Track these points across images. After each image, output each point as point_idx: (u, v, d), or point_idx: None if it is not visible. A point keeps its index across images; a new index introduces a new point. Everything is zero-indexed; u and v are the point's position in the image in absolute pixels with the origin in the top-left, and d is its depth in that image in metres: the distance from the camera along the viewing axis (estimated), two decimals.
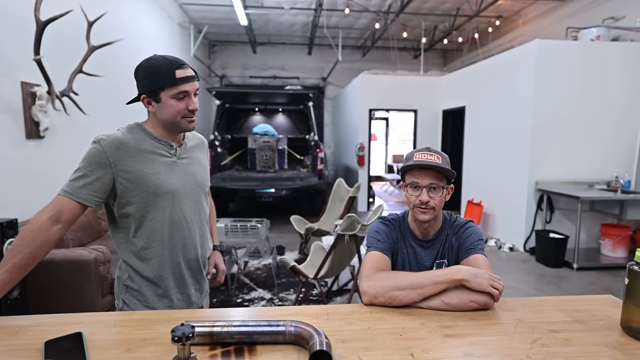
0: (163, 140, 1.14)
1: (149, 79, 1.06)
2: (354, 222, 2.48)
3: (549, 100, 4.15)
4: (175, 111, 1.09)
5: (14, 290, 2.06)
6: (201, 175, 1.24)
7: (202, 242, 1.24)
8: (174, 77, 1.05)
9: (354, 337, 0.86)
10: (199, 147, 1.29)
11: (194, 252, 1.20)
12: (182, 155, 1.18)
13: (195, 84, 1.11)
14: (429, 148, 1.16)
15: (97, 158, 1.04)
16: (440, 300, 0.99)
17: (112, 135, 1.08)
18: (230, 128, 7.04)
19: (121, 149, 1.07)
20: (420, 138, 6.82)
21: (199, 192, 1.22)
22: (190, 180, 1.18)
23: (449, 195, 1.19)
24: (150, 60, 1.08)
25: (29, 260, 0.96)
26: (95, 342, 0.82)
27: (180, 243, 1.16)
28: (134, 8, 4.90)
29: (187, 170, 1.18)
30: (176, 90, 1.06)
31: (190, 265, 1.21)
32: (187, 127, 1.14)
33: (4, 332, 0.85)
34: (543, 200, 4.19)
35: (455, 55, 9.46)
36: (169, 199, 1.12)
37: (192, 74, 1.10)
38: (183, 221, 1.16)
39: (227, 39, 9.09)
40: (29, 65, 2.64)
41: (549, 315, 0.97)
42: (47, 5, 2.54)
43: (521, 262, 4.03)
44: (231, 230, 3.29)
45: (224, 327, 0.82)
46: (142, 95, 1.10)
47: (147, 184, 1.09)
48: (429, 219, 1.14)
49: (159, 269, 1.14)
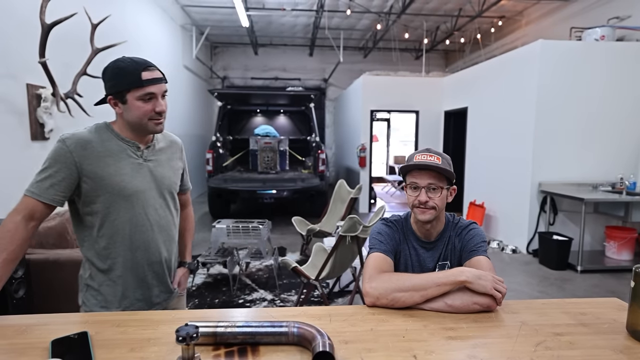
0: (130, 142, 1.13)
1: (115, 80, 1.07)
2: (356, 223, 2.48)
3: (553, 101, 4.13)
4: (142, 113, 1.08)
5: (19, 289, 2.10)
6: (169, 178, 1.22)
7: (168, 245, 1.23)
8: (140, 79, 1.06)
9: (356, 339, 0.86)
10: (170, 148, 1.27)
11: (158, 255, 1.19)
12: (149, 157, 1.17)
13: (162, 86, 1.11)
14: (429, 149, 1.16)
15: (62, 158, 1.04)
16: (443, 302, 0.98)
17: (78, 135, 1.08)
18: (231, 129, 7.05)
19: (87, 148, 1.06)
20: (422, 139, 6.81)
21: (166, 195, 1.21)
22: (155, 183, 1.17)
23: (451, 197, 1.18)
24: (117, 62, 1.08)
25: (13, 257, 1.00)
26: (101, 341, 0.83)
27: (143, 245, 1.15)
28: (137, 10, 4.93)
29: (154, 173, 1.17)
30: (142, 92, 1.06)
31: (154, 267, 1.19)
32: (154, 129, 1.13)
33: (12, 331, 0.87)
34: (546, 202, 4.17)
35: (457, 56, 9.45)
36: (132, 200, 1.12)
37: (159, 76, 1.10)
38: (147, 223, 1.15)
39: (229, 40, 9.11)
40: (34, 67, 2.67)
41: (553, 318, 0.96)
42: (52, 8, 2.57)
43: (524, 264, 4.01)
44: (233, 232, 3.29)
45: (227, 327, 0.82)
46: (108, 97, 1.10)
47: (111, 185, 1.09)
48: (429, 219, 1.14)
49: (120, 270, 1.14)
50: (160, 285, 1.22)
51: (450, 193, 1.18)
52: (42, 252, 2.32)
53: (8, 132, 2.64)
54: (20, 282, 2.12)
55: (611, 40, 4.36)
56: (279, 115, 7.44)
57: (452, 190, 1.18)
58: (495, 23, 7.24)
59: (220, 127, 6.21)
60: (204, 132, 8.24)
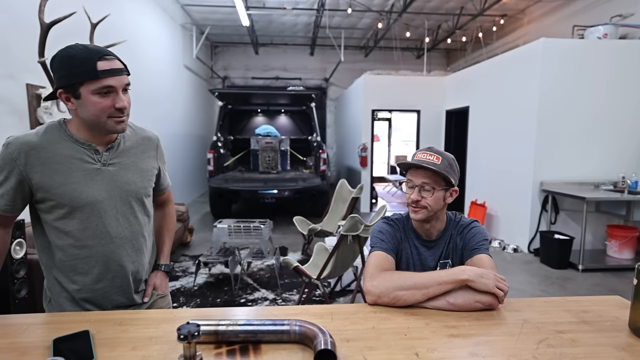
0: (86, 144, 0.99)
1: (65, 70, 0.91)
2: (357, 222, 2.48)
3: (555, 100, 4.11)
4: (99, 109, 0.93)
5: (22, 289, 2.11)
6: (135, 183, 1.06)
7: (135, 257, 1.08)
8: (95, 70, 0.90)
9: (358, 337, 0.86)
10: (142, 146, 1.11)
11: (121, 270, 1.05)
12: (109, 161, 1.02)
13: (123, 78, 0.95)
14: (431, 148, 1.16)
15: (7, 165, 0.94)
16: (445, 301, 0.98)
17: (23, 138, 0.95)
18: (232, 129, 7.05)
19: (31, 154, 0.94)
20: (423, 139, 6.80)
21: (131, 202, 1.06)
22: (117, 190, 1.03)
23: (450, 198, 1.17)
24: (67, 49, 0.93)
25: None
26: (102, 340, 0.83)
27: (103, 259, 1.02)
28: (137, 10, 4.92)
29: (115, 178, 1.02)
30: (98, 84, 0.91)
31: (115, 282, 1.06)
32: (115, 128, 0.97)
33: (14, 330, 0.87)
34: (548, 201, 4.16)
35: (458, 55, 9.44)
36: (87, 211, 0.99)
37: (119, 67, 0.95)
38: (106, 236, 1.02)
39: (229, 40, 9.11)
40: (34, 67, 2.66)
41: (555, 316, 0.96)
42: (51, 7, 2.57)
43: (525, 263, 4.01)
44: (234, 231, 3.29)
45: (229, 325, 0.82)
46: (58, 90, 0.94)
47: (61, 194, 0.96)
48: (420, 218, 1.15)
49: (80, 284, 1.03)
50: (125, 301, 1.09)
51: (450, 194, 1.16)
52: None
53: (9, 132, 2.62)
54: (23, 282, 2.12)
55: (614, 39, 4.33)
56: (280, 115, 7.44)
57: (453, 191, 1.16)
58: (497, 21, 7.22)
59: (221, 127, 6.21)
60: (205, 132, 8.25)
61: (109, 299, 1.06)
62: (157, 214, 1.30)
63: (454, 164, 1.16)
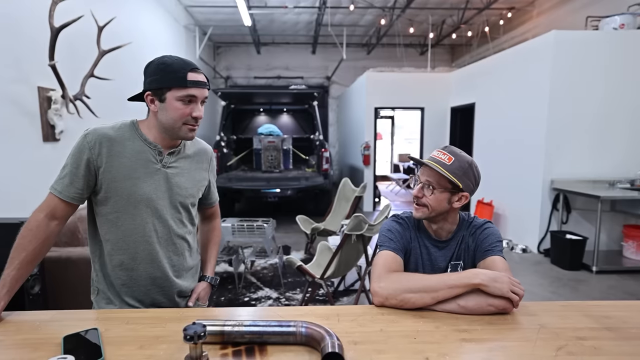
0: (152, 144, 1.07)
1: (158, 75, 1.00)
2: (361, 222, 2.43)
3: (567, 95, 3.99)
4: (178, 115, 1.02)
5: (35, 285, 2.15)
6: (186, 188, 1.12)
7: (176, 261, 1.13)
8: (185, 79, 0.99)
9: (366, 339, 0.83)
10: (198, 156, 1.18)
11: (161, 271, 1.09)
12: (169, 164, 1.09)
13: (204, 91, 1.05)
14: (447, 146, 1.12)
15: (82, 154, 1.01)
16: (455, 304, 0.94)
17: (101, 130, 1.03)
18: (235, 129, 7.04)
19: (104, 145, 1.02)
20: (428, 136, 6.73)
21: (178, 207, 1.11)
22: (169, 192, 1.09)
23: (459, 202, 1.10)
24: (164, 57, 1.03)
25: (33, 256, 0.99)
26: (110, 338, 0.83)
27: (148, 258, 1.07)
28: (142, 12, 4.95)
29: (170, 181, 1.09)
30: (184, 92, 1.00)
31: (157, 282, 1.10)
32: (187, 135, 1.06)
33: (27, 327, 0.89)
34: (559, 200, 4.06)
35: (464, 50, 9.33)
36: (140, 208, 1.05)
37: (204, 81, 1.04)
38: (153, 234, 1.07)
39: (232, 40, 9.10)
40: (44, 70, 2.70)
41: (574, 321, 0.91)
42: (60, 12, 2.60)
43: (535, 264, 3.93)
44: (238, 230, 3.27)
45: (235, 326, 0.81)
46: (146, 92, 1.03)
47: (122, 188, 1.03)
48: (419, 216, 1.12)
49: (124, 279, 1.08)
50: (167, 303, 1.14)
51: (459, 199, 1.10)
52: (55, 250, 2.37)
53: (21, 134, 2.68)
54: (36, 278, 2.16)
55: (632, 29, 4.13)
56: (282, 114, 7.42)
57: (462, 196, 1.09)
58: (504, 15, 7.08)
59: (224, 126, 6.20)
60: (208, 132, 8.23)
61: (150, 297, 1.11)
62: (204, 227, 1.36)
63: (469, 169, 1.09)
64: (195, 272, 1.24)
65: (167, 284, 1.12)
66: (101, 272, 1.10)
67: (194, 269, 1.23)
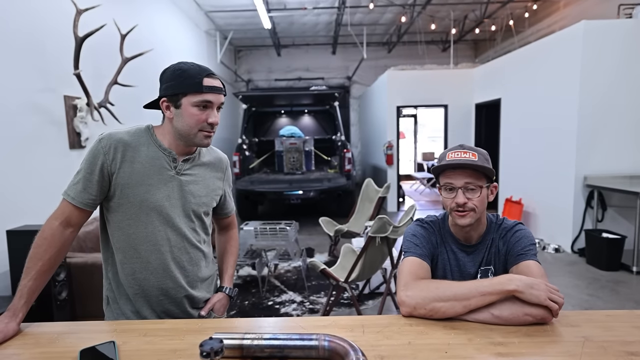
0: (167, 151, 1.05)
1: (174, 81, 0.99)
2: (386, 224, 2.38)
3: (599, 87, 3.79)
4: (194, 121, 1.00)
5: (62, 291, 2.23)
6: (200, 197, 1.10)
7: (190, 271, 1.10)
8: (201, 84, 0.98)
9: (393, 354, 0.78)
10: (213, 165, 1.16)
11: (173, 281, 1.07)
12: (183, 171, 1.07)
13: (220, 97, 1.03)
14: (462, 145, 1.06)
15: (96, 159, 1.00)
16: (489, 313, 0.88)
17: (115, 135, 1.02)
18: (257, 131, 7.11)
19: (119, 150, 1.00)
20: (452, 134, 6.55)
21: (191, 215, 1.09)
22: (182, 200, 1.06)
23: (492, 195, 1.07)
24: (179, 64, 1.02)
25: (49, 265, 0.98)
26: (127, 352, 0.82)
27: (160, 267, 1.05)
28: (163, 19, 5.07)
29: (183, 188, 1.06)
30: (200, 98, 0.98)
31: (170, 293, 1.07)
32: (202, 142, 1.04)
33: (45, 339, 0.89)
34: (593, 197, 3.85)
35: (487, 45, 9.04)
36: (152, 215, 1.03)
37: (220, 86, 1.03)
38: (165, 244, 1.05)
39: (252, 43, 9.21)
40: (69, 79, 2.79)
41: (622, 333, 0.83)
42: (83, 22, 2.68)
43: (569, 265, 3.73)
44: (260, 233, 3.28)
45: (254, 340, 0.79)
46: (162, 99, 1.02)
47: (134, 194, 1.01)
48: (469, 222, 1.03)
49: (136, 288, 1.06)
50: (180, 314, 1.11)
51: (491, 191, 1.07)
52: (81, 256, 2.43)
53: (48, 142, 2.77)
54: (63, 284, 2.23)
55: None
56: (303, 115, 7.42)
57: (493, 187, 1.07)
58: (529, 7, 6.81)
59: (245, 129, 6.26)
60: (230, 135, 8.37)
61: (163, 307, 1.08)
62: (221, 237, 1.33)
63: (489, 159, 1.06)
64: (211, 283, 1.21)
65: (180, 294, 1.09)
66: (114, 280, 1.08)
67: (210, 279, 1.20)
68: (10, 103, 2.43)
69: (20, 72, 2.51)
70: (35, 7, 2.65)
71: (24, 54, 2.55)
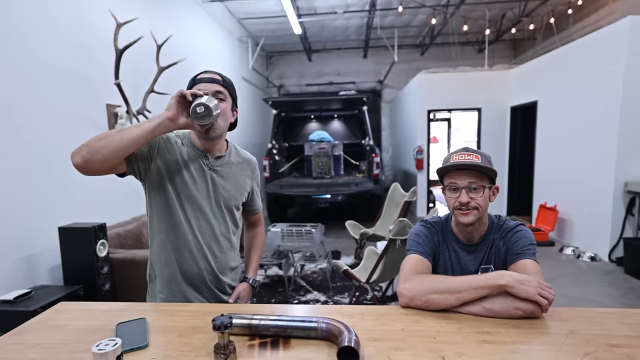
0: (200, 150, 1.18)
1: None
2: (406, 226, 2.42)
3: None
4: None
5: (106, 283, 2.47)
6: (230, 191, 1.22)
7: (220, 258, 1.21)
8: (194, 78, 1.14)
9: (385, 337, 0.86)
10: (242, 164, 1.28)
11: (205, 265, 1.18)
12: (215, 167, 1.19)
13: (212, 85, 1.11)
14: (466, 148, 1.12)
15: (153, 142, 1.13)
16: (481, 306, 0.94)
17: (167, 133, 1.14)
18: (287, 136, 7.27)
19: (170, 143, 1.15)
20: (485, 138, 6.38)
21: (222, 207, 1.20)
22: (214, 193, 1.18)
23: (494, 197, 1.13)
24: None
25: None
26: (155, 327, 0.95)
27: (194, 250, 1.16)
28: (197, 27, 5.30)
29: (215, 182, 1.19)
30: (195, 88, 1.10)
31: (201, 276, 1.18)
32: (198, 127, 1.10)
33: (90, 315, 1.04)
34: (634, 204, 3.63)
35: (526, 45, 8.64)
36: (186, 205, 1.14)
37: (211, 76, 1.13)
38: (197, 230, 1.16)
39: (284, 49, 9.44)
40: (111, 89, 3.05)
41: (609, 328, 0.86)
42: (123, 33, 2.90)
43: (605, 274, 3.54)
44: (287, 235, 3.42)
45: (261, 320, 0.89)
46: None
47: (172, 183, 1.13)
48: (472, 221, 1.09)
49: (171, 266, 1.17)
50: (211, 297, 1.22)
51: (493, 192, 1.12)
52: (122, 252, 2.67)
53: None
54: (107, 277, 2.48)
55: None
56: (332, 120, 7.51)
57: (495, 189, 1.13)
58: (573, 3, 6.43)
59: (275, 134, 6.42)
60: (261, 140, 8.64)
61: (195, 286, 1.19)
62: (249, 233, 1.45)
63: (491, 161, 1.12)
64: (237, 272, 1.32)
65: (212, 278, 1.20)
66: (155, 260, 1.19)
67: (236, 270, 1.31)
68: (61, 111, 2.70)
69: (70, 83, 2.78)
70: (82, 23, 2.92)
71: (74, 66, 2.82)
